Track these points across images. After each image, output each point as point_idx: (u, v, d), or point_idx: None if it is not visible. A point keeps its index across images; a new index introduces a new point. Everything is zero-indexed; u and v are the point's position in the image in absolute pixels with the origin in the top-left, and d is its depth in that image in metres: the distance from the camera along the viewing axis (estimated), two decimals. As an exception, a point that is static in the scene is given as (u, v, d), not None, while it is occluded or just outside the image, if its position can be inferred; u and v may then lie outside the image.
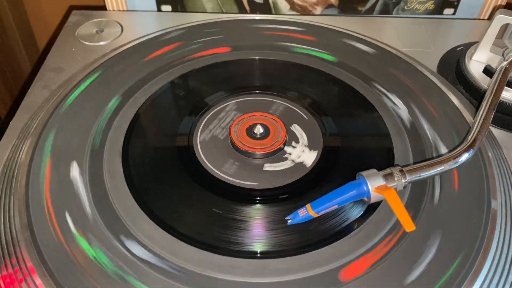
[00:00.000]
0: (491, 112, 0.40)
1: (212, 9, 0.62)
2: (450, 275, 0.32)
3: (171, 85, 0.47)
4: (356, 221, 0.35)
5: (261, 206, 0.37)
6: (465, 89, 0.48)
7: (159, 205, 0.36)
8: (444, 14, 0.62)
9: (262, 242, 0.34)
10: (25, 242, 0.33)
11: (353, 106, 0.46)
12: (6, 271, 0.32)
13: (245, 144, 0.41)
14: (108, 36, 0.54)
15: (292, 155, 0.41)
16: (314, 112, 0.45)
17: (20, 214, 0.35)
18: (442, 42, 0.54)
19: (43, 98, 0.46)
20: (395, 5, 0.62)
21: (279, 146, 0.41)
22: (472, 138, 0.38)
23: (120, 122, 0.42)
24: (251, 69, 0.50)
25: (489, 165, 0.39)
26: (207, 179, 0.39)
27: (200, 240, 0.34)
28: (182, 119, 0.44)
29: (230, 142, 0.42)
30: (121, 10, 0.61)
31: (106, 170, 0.38)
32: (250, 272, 0.32)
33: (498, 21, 0.46)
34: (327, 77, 0.48)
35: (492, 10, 0.61)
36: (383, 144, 0.41)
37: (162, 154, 0.41)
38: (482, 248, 0.34)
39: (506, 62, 0.44)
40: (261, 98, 0.46)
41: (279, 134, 0.41)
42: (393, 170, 0.35)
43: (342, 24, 0.56)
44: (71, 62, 0.51)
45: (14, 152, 0.40)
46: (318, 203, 0.35)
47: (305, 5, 0.62)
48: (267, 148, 0.41)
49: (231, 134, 0.41)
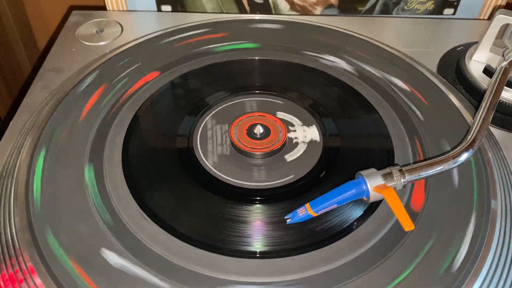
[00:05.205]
0: (490, 112, 0.40)
1: (212, 9, 0.62)
2: (450, 275, 0.32)
3: (171, 85, 0.47)
4: (356, 221, 0.35)
5: (260, 206, 0.37)
6: (465, 89, 0.48)
7: (160, 205, 0.36)
8: (444, 14, 0.62)
9: (262, 242, 0.34)
10: (25, 242, 0.33)
11: (353, 106, 0.46)
12: (6, 272, 0.32)
13: (245, 144, 0.41)
14: (108, 36, 0.54)
15: (299, 137, 0.42)
16: (314, 112, 0.45)
17: (20, 214, 0.35)
18: (442, 42, 0.54)
19: (43, 98, 0.46)
20: (395, 5, 0.62)
21: (279, 146, 0.41)
22: (472, 138, 0.38)
23: (120, 122, 0.42)
24: (251, 69, 0.50)
25: (489, 165, 0.39)
26: (207, 179, 0.39)
27: (199, 240, 0.34)
28: (182, 119, 0.44)
29: (230, 142, 0.42)
30: (121, 10, 0.61)
31: (106, 170, 0.38)
32: (250, 272, 0.32)
33: (498, 21, 0.46)
34: (327, 77, 0.48)
35: (492, 10, 0.61)
36: (383, 144, 0.41)
37: (162, 154, 0.41)
38: (482, 248, 0.34)
39: (506, 62, 0.44)
40: (261, 98, 0.46)
41: (279, 134, 0.41)
42: (393, 169, 0.35)
43: (342, 24, 0.56)
44: (71, 62, 0.51)
45: (14, 152, 0.40)
46: (317, 202, 0.35)
47: (305, 5, 0.62)
48: (267, 148, 0.41)
49: (231, 134, 0.41)
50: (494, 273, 0.33)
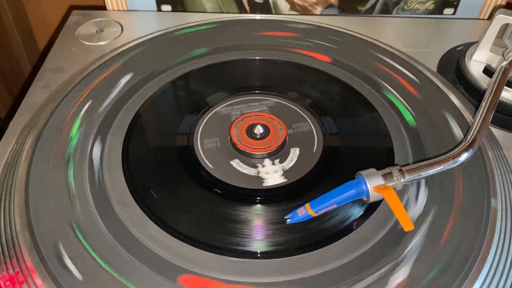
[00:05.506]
0: (490, 112, 0.40)
1: (212, 9, 0.62)
2: (450, 275, 0.32)
3: (171, 85, 0.47)
4: (356, 221, 0.35)
5: (260, 206, 0.37)
6: (465, 89, 0.48)
7: (160, 205, 0.36)
8: (444, 14, 0.62)
9: (261, 242, 0.34)
10: (25, 242, 0.33)
11: (353, 106, 0.46)
12: (7, 273, 0.32)
13: (245, 144, 0.41)
14: (108, 36, 0.54)
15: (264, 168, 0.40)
16: (314, 112, 0.45)
17: (20, 214, 0.35)
18: (442, 42, 0.54)
19: (43, 98, 0.46)
20: (395, 5, 0.62)
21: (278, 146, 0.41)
22: (472, 137, 0.38)
23: (120, 122, 0.42)
24: (251, 69, 0.50)
25: (489, 165, 0.39)
26: (207, 179, 0.39)
27: (199, 240, 0.34)
28: (182, 119, 0.44)
29: (230, 142, 0.42)
30: (121, 10, 0.61)
31: (106, 170, 0.38)
32: (250, 272, 0.32)
33: (498, 21, 0.46)
34: (327, 76, 0.48)
35: (492, 10, 0.61)
36: (383, 144, 0.41)
37: (163, 154, 0.41)
38: (482, 248, 0.34)
39: (506, 62, 0.44)
40: (261, 98, 0.46)
41: (279, 134, 0.41)
42: (392, 169, 0.35)
43: (342, 24, 0.56)
44: (71, 62, 0.51)
45: (14, 152, 0.40)
46: (317, 202, 0.35)
47: (305, 5, 0.62)
48: (267, 148, 0.41)
49: (231, 134, 0.41)
50: (494, 273, 0.33)
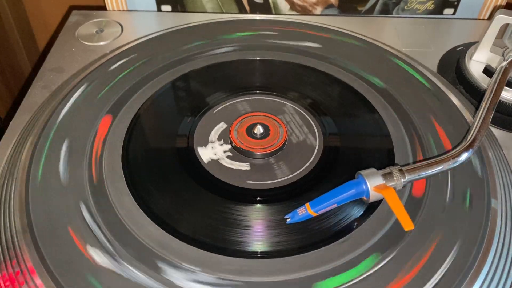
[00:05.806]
0: (490, 112, 0.40)
1: (212, 9, 0.62)
2: (450, 275, 0.32)
3: (171, 85, 0.47)
4: (355, 221, 0.35)
5: (260, 206, 0.37)
6: (465, 89, 0.48)
7: (160, 205, 0.36)
8: (444, 14, 0.62)
9: (261, 242, 0.34)
10: (25, 242, 0.33)
11: (353, 106, 0.46)
12: (7, 273, 0.32)
13: (245, 144, 0.41)
14: (108, 36, 0.54)
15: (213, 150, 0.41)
16: (314, 112, 0.45)
17: (20, 214, 0.35)
18: (442, 42, 0.54)
19: (43, 98, 0.46)
20: (395, 5, 0.62)
21: (279, 146, 0.41)
22: (472, 137, 0.38)
23: (120, 122, 0.42)
24: (251, 69, 0.50)
25: (489, 165, 0.39)
26: (207, 179, 0.39)
27: (199, 240, 0.34)
28: (182, 119, 0.44)
29: (230, 142, 0.42)
30: (121, 10, 0.61)
31: (106, 170, 0.38)
32: (250, 272, 0.32)
33: (498, 21, 0.46)
34: (327, 76, 0.48)
35: (492, 10, 0.61)
36: (383, 144, 0.42)
37: (162, 154, 0.41)
38: (482, 248, 0.34)
39: (506, 62, 0.44)
40: (261, 98, 0.46)
41: (279, 134, 0.41)
42: (392, 169, 0.35)
43: (342, 24, 0.56)
44: (71, 62, 0.51)
45: (14, 152, 0.40)
46: (317, 202, 0.35)
47: (305, 5, 0.62)
48: (267, 148, 0.41)
49: (231, 134, 0.41)
50: (494, 273, 0.33)
